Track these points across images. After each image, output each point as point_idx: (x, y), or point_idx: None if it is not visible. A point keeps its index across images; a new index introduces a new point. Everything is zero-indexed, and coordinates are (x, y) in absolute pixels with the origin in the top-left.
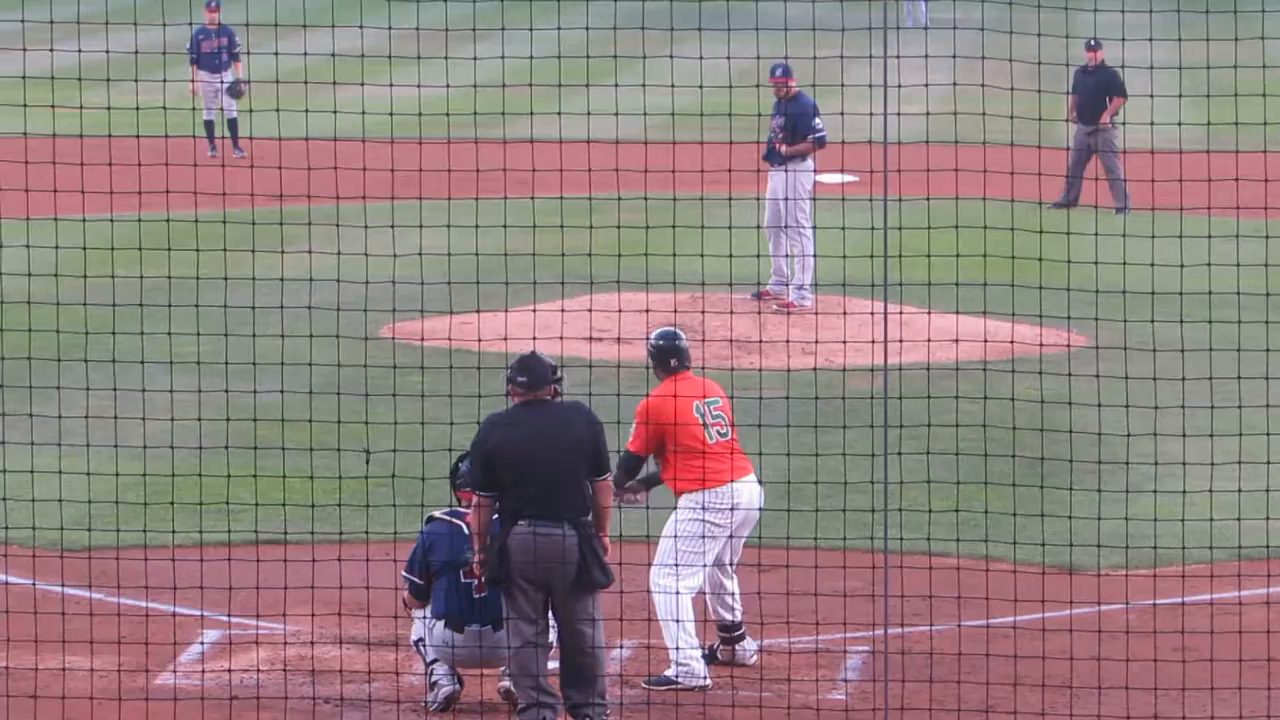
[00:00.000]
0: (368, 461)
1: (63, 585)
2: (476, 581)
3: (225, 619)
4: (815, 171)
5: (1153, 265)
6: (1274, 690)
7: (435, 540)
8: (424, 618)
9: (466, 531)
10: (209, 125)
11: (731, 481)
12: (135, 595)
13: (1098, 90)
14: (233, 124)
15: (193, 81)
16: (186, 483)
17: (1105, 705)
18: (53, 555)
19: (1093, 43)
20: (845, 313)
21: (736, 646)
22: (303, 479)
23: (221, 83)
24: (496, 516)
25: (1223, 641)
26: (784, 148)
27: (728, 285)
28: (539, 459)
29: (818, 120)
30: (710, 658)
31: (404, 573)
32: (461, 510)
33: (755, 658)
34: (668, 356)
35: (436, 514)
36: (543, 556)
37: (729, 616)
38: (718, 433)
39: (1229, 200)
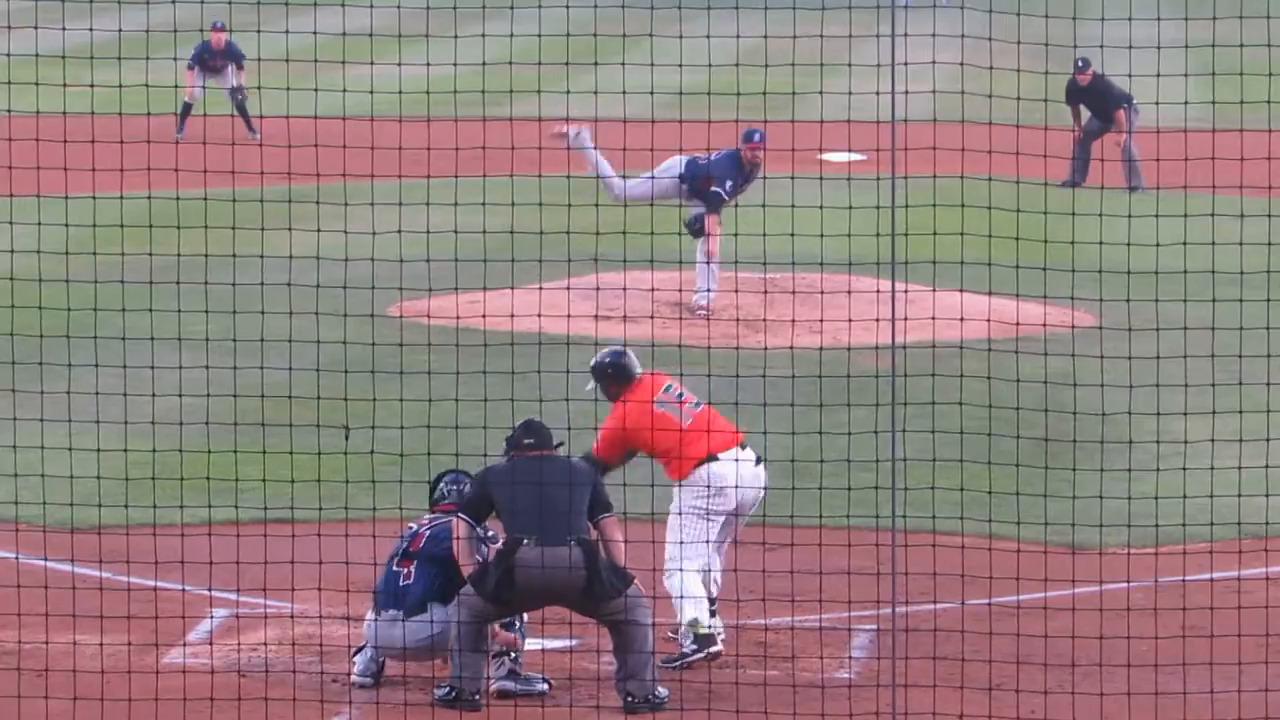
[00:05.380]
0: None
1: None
2: (406, 571)
3: (234, 597)
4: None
5: (1158, 245)
6: (1273, 665)
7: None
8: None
9: (413, 529)
10: (186, 107)
11: (713, 453)
12: (144, 573)
13: (1098, 102)
14: (241, 107)
15: (189, 86)
16: (195, 459)
17: (1108, 682)
18: (63, 532)
19: (1080, 64)
20: (850, 291)
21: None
22: (310, 456)
23: (216, 84)
24: (497, 544)
25: (1223, 618)
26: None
27: (733, 263)
28: (542, 487)
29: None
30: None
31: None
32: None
33: (723, 636)
34: (616, 379)
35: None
36: (547, 579)
37: (709, 592)
38: (687, 410)
39: (1233, 179)
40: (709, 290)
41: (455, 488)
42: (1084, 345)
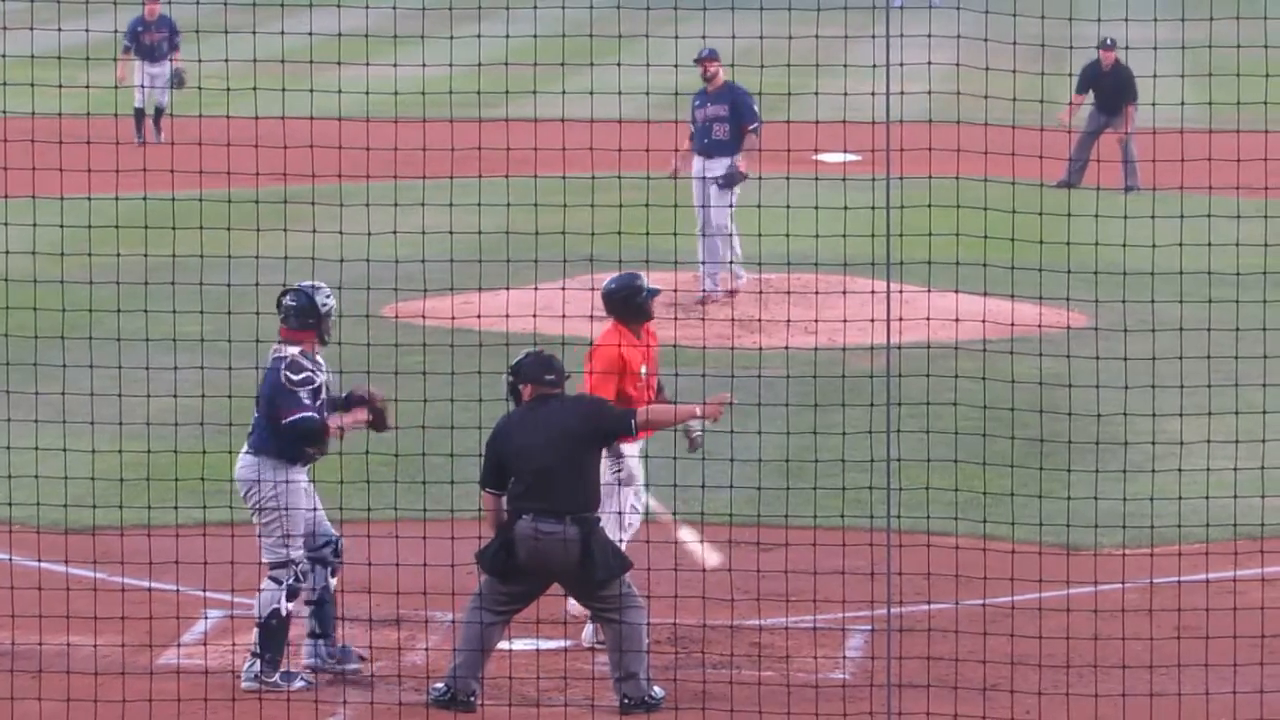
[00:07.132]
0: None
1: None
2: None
3: (228, 598)
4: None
5: (1153, 246)
6: (1268, 666)
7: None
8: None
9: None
10: (139, 112)
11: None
12: (139, 574)
13: (1115, 89)
14: (159, 110)
15: (119, 71)
16: (189, 460)
17: (1103, 683)
18: (57, 533)
19: (1109, 42)
20: (846, 291)
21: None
22: None
23: (158, 77)
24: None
25: (1218, 619)
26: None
27: (728, 264)
28: (536, 453)
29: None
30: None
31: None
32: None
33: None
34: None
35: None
36: (544, 554)
37: None
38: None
39: (1230, 180)
40: (716, 278)
41: (288, 310)
42: (1079, 346)
